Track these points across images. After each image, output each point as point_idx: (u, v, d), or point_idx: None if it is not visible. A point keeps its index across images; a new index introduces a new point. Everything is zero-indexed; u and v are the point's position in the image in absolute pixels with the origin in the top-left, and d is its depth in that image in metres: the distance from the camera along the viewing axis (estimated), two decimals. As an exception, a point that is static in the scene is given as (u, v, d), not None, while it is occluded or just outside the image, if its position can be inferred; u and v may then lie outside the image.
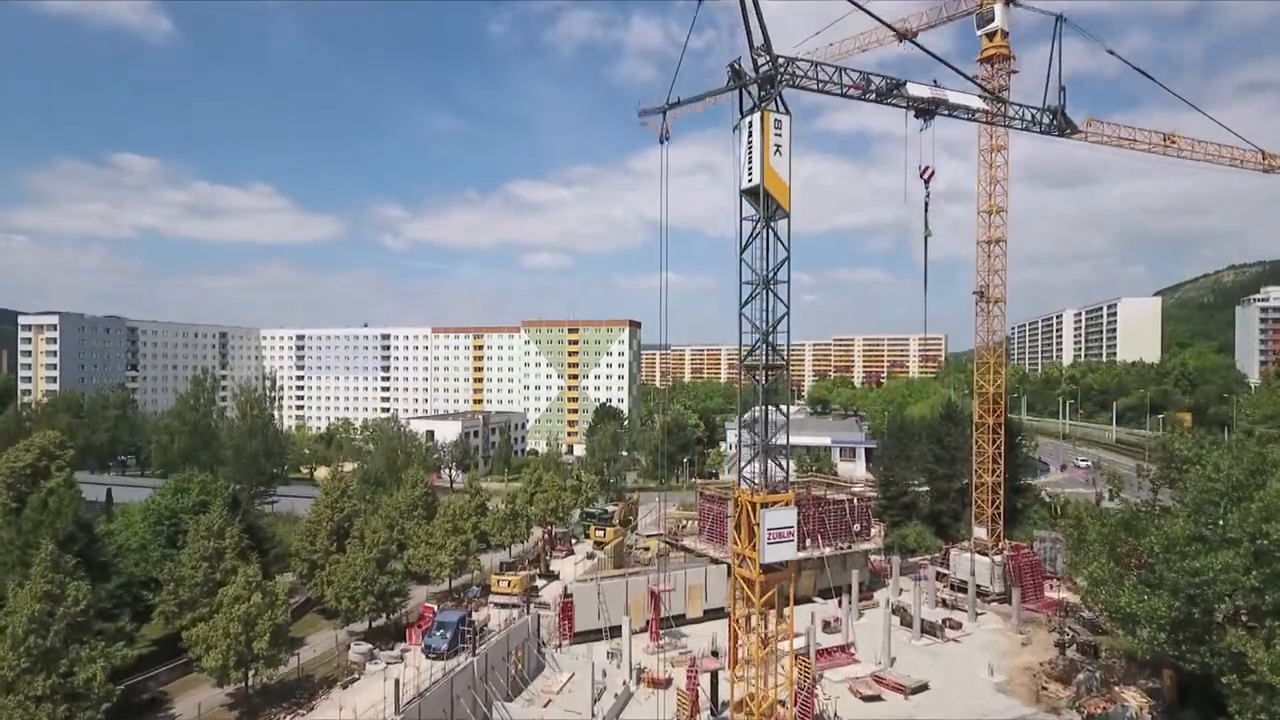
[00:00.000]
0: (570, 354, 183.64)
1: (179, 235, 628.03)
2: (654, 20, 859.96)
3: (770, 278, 25.20)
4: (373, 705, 37.40)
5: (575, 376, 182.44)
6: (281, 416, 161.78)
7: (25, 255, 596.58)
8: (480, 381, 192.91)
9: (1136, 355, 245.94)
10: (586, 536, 78.34)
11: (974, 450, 58.52)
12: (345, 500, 57.99)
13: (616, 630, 46.21)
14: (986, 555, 57.27)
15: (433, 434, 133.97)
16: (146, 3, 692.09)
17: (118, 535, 54.75)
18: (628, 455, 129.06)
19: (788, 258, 25.39)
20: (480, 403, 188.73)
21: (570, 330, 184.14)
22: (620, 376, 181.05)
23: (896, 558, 61.92)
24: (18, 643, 30.13)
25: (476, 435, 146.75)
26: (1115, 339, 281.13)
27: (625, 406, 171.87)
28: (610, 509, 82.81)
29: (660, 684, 40.33)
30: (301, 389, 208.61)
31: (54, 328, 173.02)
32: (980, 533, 58.15)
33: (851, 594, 53.60)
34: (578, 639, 48.61)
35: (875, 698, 40.62)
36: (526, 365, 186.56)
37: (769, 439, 25.12)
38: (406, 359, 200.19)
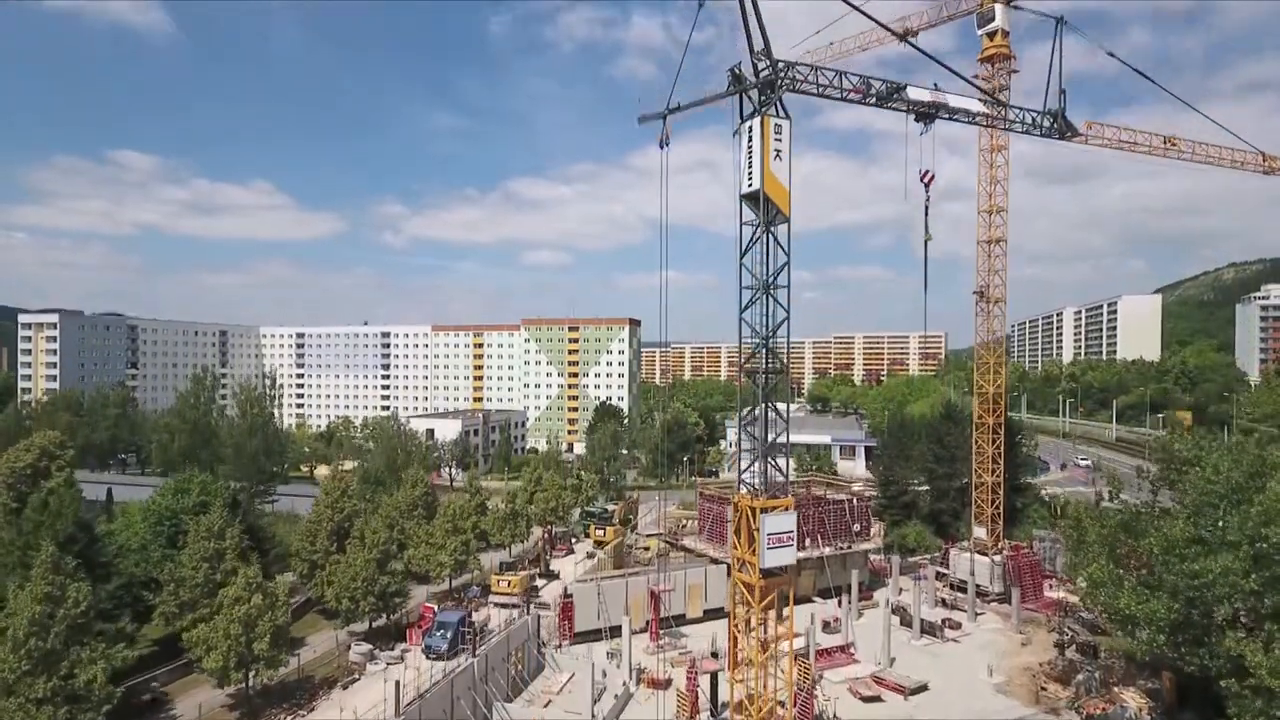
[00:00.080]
0: (570, 352, 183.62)
1: (179, 232, 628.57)
2: (654, 18, 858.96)
3: (770, 282, 25.20)
4: (373, 706, 37.38)
5: (575, 375, 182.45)
6: (281, 415, 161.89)
7: (25, 252, 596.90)
8: (480, 380, 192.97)
9: (1137, 353, 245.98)
10: (586, 536, 78.30)
11: (974, 450, 58.53)
12: (345, 500, 58.04)
13: (616, 630, 46.22)
14: (986, 555, 57.30)
15: (433, 432, 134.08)
16: (146, 1, 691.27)
17: (118, 535, 54.81)
18: (627, 454, 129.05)
19: (788, 262, 25.39)
20: (480, 401, 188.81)
21: (570, 328, 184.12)
22: (620, 375, 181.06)
23: (896, 557, 61.95)
24: (18, 645, 30.12)
25: (476, 434, 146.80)
26: (1115, 337, 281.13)
27: (625, 405, 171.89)
28: (610, 508, 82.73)
29: (660, 684, 40.35)
30: (301, 387, 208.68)
31: (54, 326, 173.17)
32: (980, 532, 58.17)
33: (851, 594, 53.63)
34: (578, 639, 48.62)
35: (875, 698, 40.69)
36: (526, 363, 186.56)
37: (769, 443, 25.11)
38: (406, 357, 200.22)
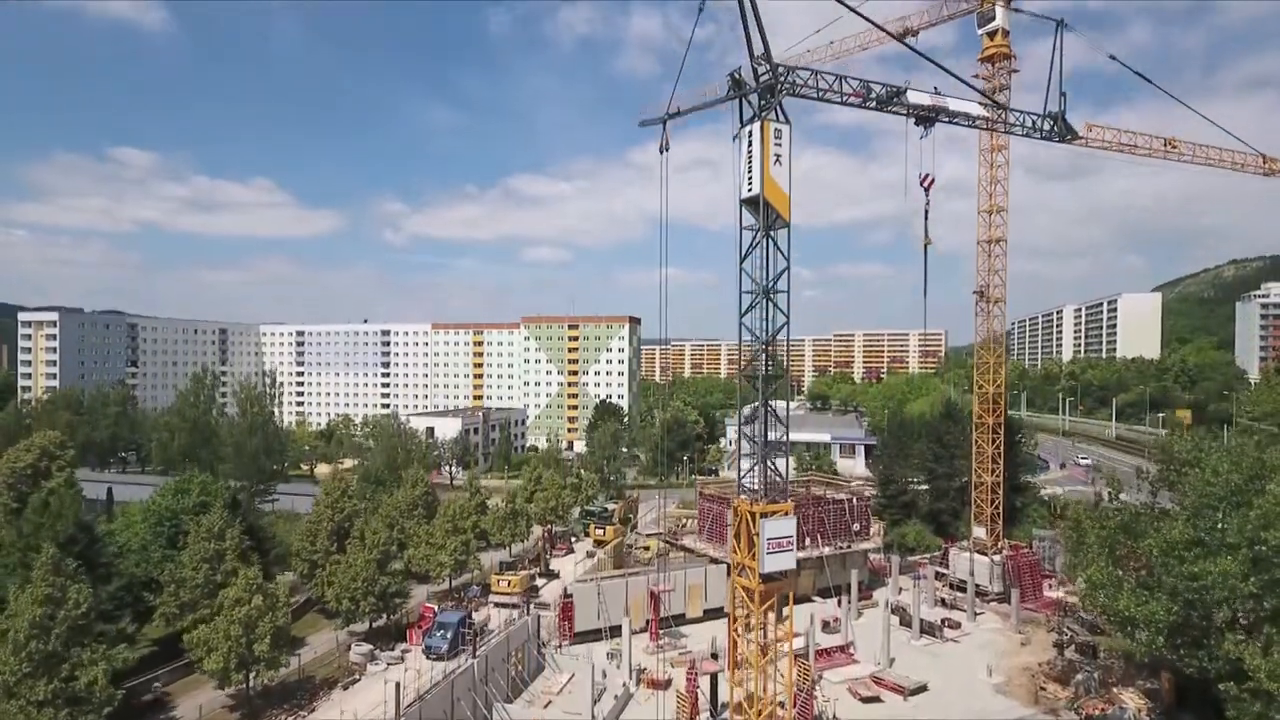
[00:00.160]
0: (570, 350, 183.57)
1: (178, 229, 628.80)
2: (653, 14, 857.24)
3: (770, 287, 25.16)
4: (374, 707, 37.50)
5: (575, 373, 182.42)
6: (281, 413, 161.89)
7: (25, 250, 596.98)
8: (480, 378, 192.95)
9: (1137, 351, 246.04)
10: (586, 535, 78.44)
11: (973, 449, 58.51)
12: (345, 500, 58.09)
13: (616, 630, 46.24)
14: (985, 555, 57.32)
15: (433, 431, 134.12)
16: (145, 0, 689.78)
17: (118, 535, 54.86)
18: (627, 452, 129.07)
19: (787, 267, 25.37)
20: (480, 399, 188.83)
21: (570, 326, 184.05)
22: (620, 373, 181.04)
23: (896, 556, 62.00)
24: (19, 648, 30.15)
25: (476, 432, 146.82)
26: (1115, 335, 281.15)
27: (625, 403, 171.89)
28: (610, 507, 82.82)
29: (660, 685, 40.37)
30: (302, 385, 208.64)
31: (54, 324, 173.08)
32: (979, 532, 58.17)
33: (851, 593, 53.67)
34: (578, 639, 48.63)
35: (874, 699, 40.71)
36: (526, 361, 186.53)
37: (768, 449, 25.13)
38: (406, 355, 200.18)
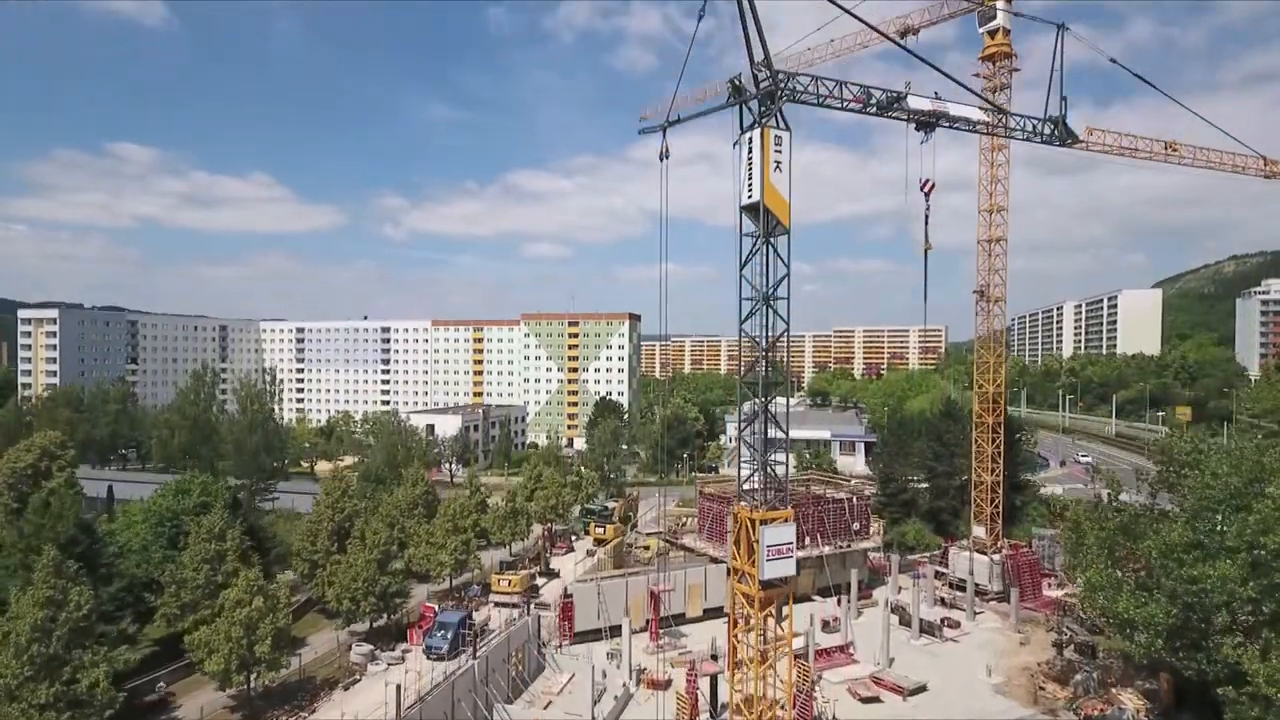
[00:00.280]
0: (570, 347, 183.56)
1: (177, 225, 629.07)
2: (653, 9, 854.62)
3: (770, 294, 25.15)
4: (374, 707, 37.58)
5: (575, 369, 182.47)
6: (281, 410, 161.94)
7: (25, 245, 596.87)
8: (480, 374, 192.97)
9: (1137, 347, 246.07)
10: (586, 533, 78.50)
11: (973, 449, 58.53)
12: (345, 500, 58.14)
13: (616, 630, 46.29)
14: (985, 554, 57.39)
15: (433, 428, 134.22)
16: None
17: (119, 535, 54.90)
18: (627, 449, 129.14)
19: (788, 274, 25.31)
20: (480, 395, 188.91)
21: (570, 323, 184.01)
22: (620, 369, 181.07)
23: (895, 555, 62.06)
24: (21, 651, 30.17)
25: (476, 429, 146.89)
26: (1115, 331, 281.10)
27: (625, 400, 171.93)
28: (610, 505, 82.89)
29: (660, 685, 40.43)
30: (302, 382, 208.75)
31: (53, 321, 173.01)
32: (979, 531, 58.21)
33: (850, 592, 53.73)
34: (578, 639, 48.71)
35: (874, 699, 40.78)
36: (526, 358, 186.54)
37: (768, 455, 25.16)
38: (406, 352, 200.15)
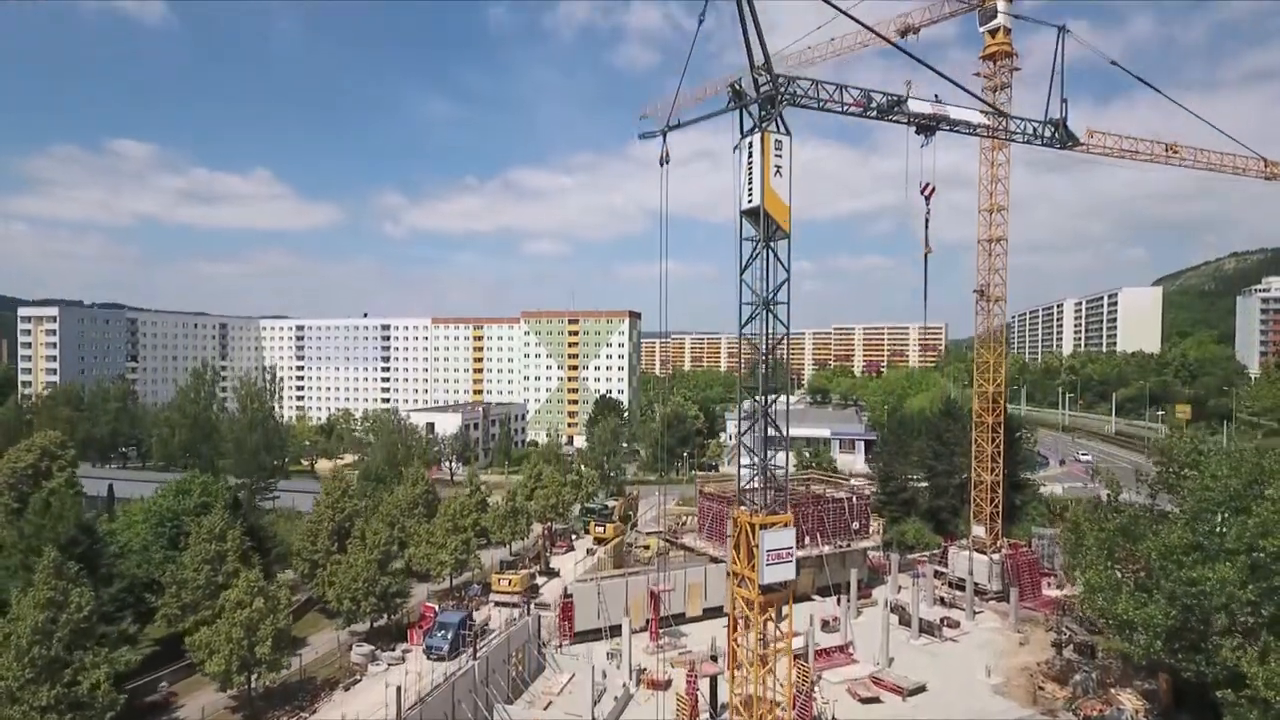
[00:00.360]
0: (570, 345, 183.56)
1: (177, 222, 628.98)
2: (653, 5, 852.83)
3: (770, 299, 25.15)
4: (375, 708, 37.60)
5: (575, 367, 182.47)
6: (281, 407, 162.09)
7: (24, 242, 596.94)
8: (480, 372, 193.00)
9: (1137, 345, 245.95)
10: (586, 532, 78.55)
11: (973, 448, 58.53)
12: (346, 500, 58.18)
13: (616, 630, 46.33)
14: (985, 553, 57.44)
15: (433, 426, 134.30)
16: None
17: (120, 535, 54.91)
18: (627, 447, 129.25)
19: (788, 279, 25.28)
20: (480, 393, 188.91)
21: (570, 321, 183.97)
22: (620, 367, 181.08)
23: (895, 555, 62.11)
24: (22, 653, 30.19)
25: (476, 427, 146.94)
26: (1115, 329, 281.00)
27: (625, 397, 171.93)
28: (610, 504, 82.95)
29: (660, 685, 40.47)
30: (301, 380, 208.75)
31: (53, 319, 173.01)
32: (979, 531, 58.25)
33: (850, 592, 53.78)
34: (578, 639, 48.77)
35: (873, 699, 40.82)
36: (526, 356, 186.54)
37: (768, 460, 25.18)
38: (406, 349, 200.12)
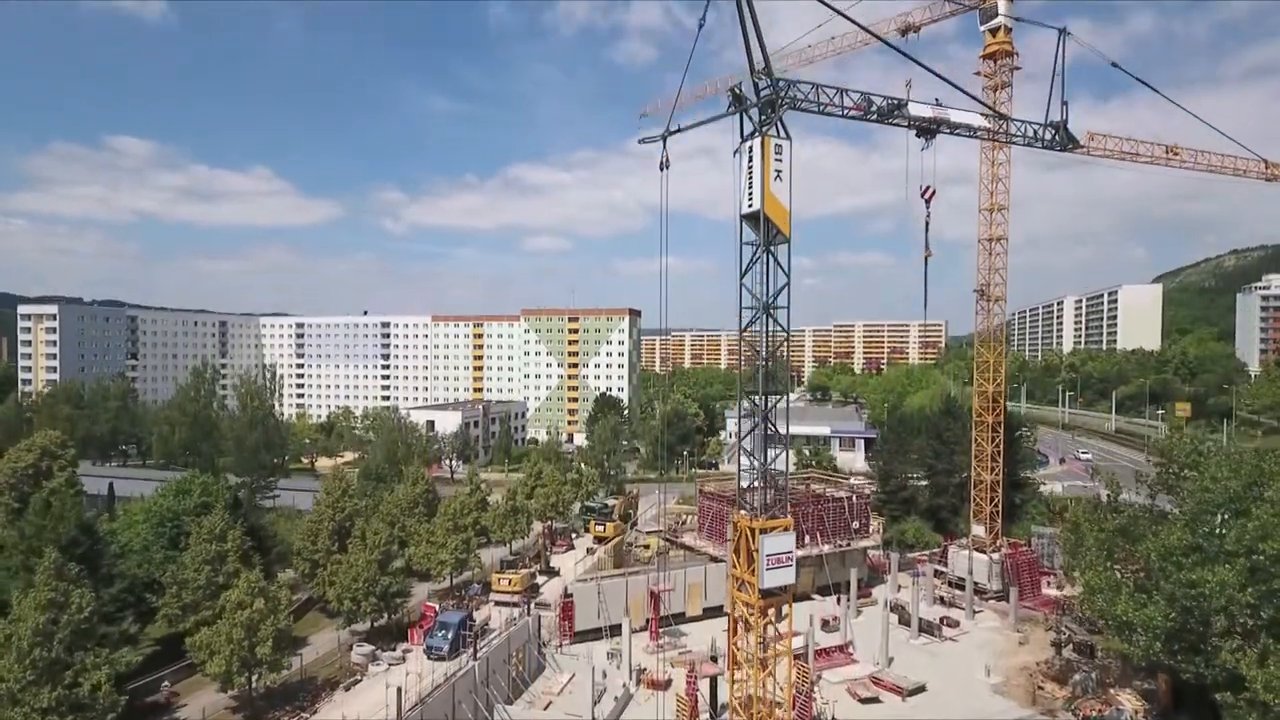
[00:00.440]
0: (570, 342, 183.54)
1: (176, 219, 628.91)
2: (653, 3, 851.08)
3: (770, 303, 25.13)
4: (375, 708, 37.60)
5: (575, 365, 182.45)
6: (282, 405, 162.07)
7: (24, 239, 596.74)
8: (480, 370, 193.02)
9: (1137, 343, 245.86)
10: (586, 531, 78.59)
11: (973, 448, 58.52)
12: (346, 499, 58.21)
13: (617, 629, 46.37)
14: (984, 553, 57.47)
15: (433, 424, 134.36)
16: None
17: (120, 535, 54.95)
18: (627, 445, 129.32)
19: (788, 283, 25.23)
20: (480, 391, 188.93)
21: (570, 319, 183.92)
22: (620, 365, 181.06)
23: (895, 554, 62.17)
24: (23, 655, 30.21)
25: (476, 425, 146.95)
26: (1116, 326, 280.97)
27: (625, 395, 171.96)
28: (610, 502, 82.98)
29: (660, 685, 40.50)
30: (302, 377, 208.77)
31: (53, 317, 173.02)
32: (978, 530, 58.28)
33: (850, 591, 53.82)
34: (578, 639, 48.82)
35: (873, 699, 40.88)
36: (526, 354, 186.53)
37: (768, 464, 25.18)
38: (406, 347, 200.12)
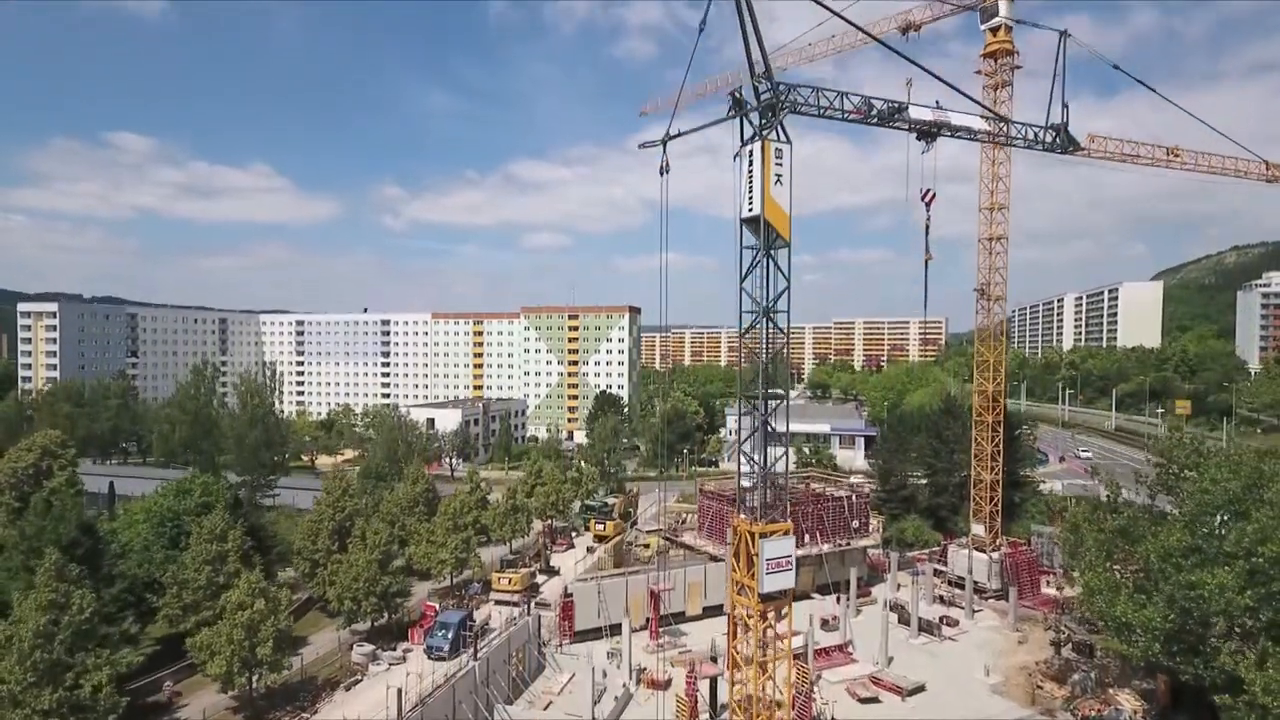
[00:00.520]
0: (570, 340, 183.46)
1: (176, 215, 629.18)
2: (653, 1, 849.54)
3: (770, 307, 25.12)
4: (376, 708, 37.72)
5: (575, 363, 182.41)
6: (281, 402, 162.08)
7: (24, 235, 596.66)
8: (480, 368, 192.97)
9: (1137, 340, 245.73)
10: (586, 529, 78.66)
11: (973, 447, 58.53)
12: (346, 499, 58.25)
13: (617, 629, 46.44)
14: (984, 552, 57.53)
15: (433, 422, 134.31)
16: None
17: (121, 535, 54.97)
18: (627, 443, 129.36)
19: (788, 287, 25.19)
20: (480, 389, 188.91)
21: (570, 316, 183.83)
22: (620, 363, 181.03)
23: (894, 553, 62.22)
24: (24, 656, 30.26)
25: (476, 423, 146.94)
26: (1116, 323, 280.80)
27: (625, 393, 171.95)
28: (610, 501, 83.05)
29: (660, 685, 40.55)
30: (302, 375, 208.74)
31: (53, 315, 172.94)
32: (978, 529, 58.33)
33: (849, 590, 53.88)
34: (578, 638, 48.88)
35: (873, 699, 40.95)
36: (526, 351, 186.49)
37: (769, 467, 25.19)
38: (406, 345, 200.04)
